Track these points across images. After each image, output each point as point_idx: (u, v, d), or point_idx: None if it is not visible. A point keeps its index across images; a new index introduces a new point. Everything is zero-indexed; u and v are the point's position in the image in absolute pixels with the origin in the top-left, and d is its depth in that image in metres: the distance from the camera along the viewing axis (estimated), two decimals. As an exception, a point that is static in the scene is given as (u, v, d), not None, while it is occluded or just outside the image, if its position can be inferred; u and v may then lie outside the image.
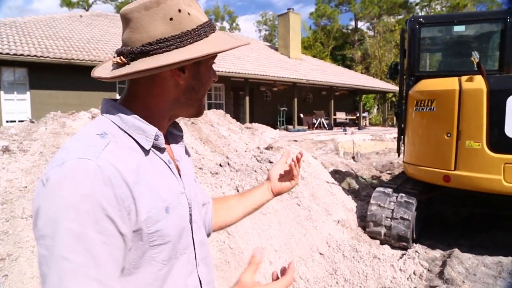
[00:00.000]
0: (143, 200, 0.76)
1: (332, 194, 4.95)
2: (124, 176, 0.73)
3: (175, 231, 0.84)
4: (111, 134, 0.79)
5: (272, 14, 48.75)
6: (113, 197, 0.71)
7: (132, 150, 0.81)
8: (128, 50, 0.82)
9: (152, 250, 0.79)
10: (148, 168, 0.81)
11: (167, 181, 0.86)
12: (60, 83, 11.74)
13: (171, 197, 0.85)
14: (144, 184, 0.78)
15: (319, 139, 13.26)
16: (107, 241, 0.69)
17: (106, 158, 0.73)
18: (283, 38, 22.85)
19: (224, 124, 6.96)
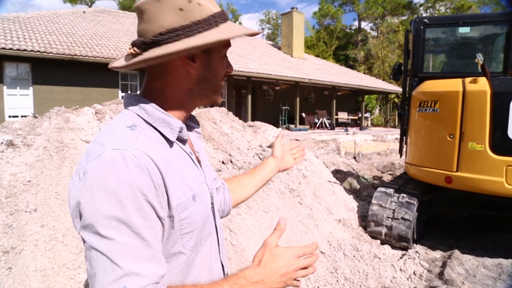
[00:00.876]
0: (173, 188, 0.82)
1: (334, 193, 4.96)
2: (157, 164, 0.78)
3: (201, 218, 0.90)
4: (139, 127, 0.85)
5: (275, 13, 48.75)
6: (151, 184, 0.76)
7: (159, 142, 0.86)
8: (140, 41, 0.85)
9: (183, 239, 0.86)
10: (174, 158, 0.87)
11: (191, 171, 0.92)
12: (62, 79, 11.77)
13: (196, 185, 0.90)
14: (173, 173, 0.83)
15: (321, 138, 13.26)
16: (151, 225, 0.76)
17: (140, 148, 0.78)
18: (286, 37, 22.83)
19: (226, 121, 6.98)
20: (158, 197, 0.77)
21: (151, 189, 0.76)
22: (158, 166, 0.78)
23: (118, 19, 17.93)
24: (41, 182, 3.37)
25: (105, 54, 12.18)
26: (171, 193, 0.81)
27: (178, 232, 0.84)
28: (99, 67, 12.20)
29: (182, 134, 0.90)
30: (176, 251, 0.85)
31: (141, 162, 0.75)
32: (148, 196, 0.75)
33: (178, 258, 0.86)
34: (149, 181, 0.75)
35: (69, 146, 3.78)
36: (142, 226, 0.73)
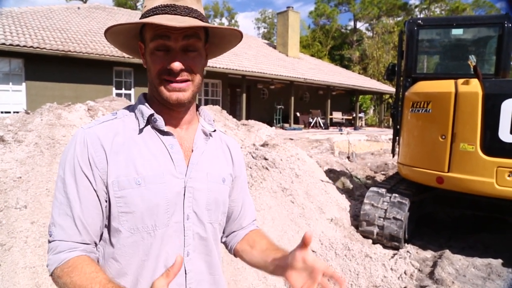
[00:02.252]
0: (115, 167, 0.92)
1: (326, 193, 4.97)
2: (104, 143, 0.92)
3: (144, 204, 0.91)
4: (122, 114, 1.00)
5: (272, 12, 48.72)
6: (86, 156, 0.91)
7: (133, 129, 0.97)
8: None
9: (120, 217, 0.92)
10: (136, 144, 0.95)
11: (156, 160, 0.95)
12: (56, 75, 11.67)
13: (151, 173, 0.93)
14: (124, 155, 0.93)
15: (315, 138, 13.28)
16: (80, 190, 0.90)
17: (95, 129, 0.95)
18: (282, 36, 22.84)
19: (220, 120, 6.97)
20: (91, 169, 0.90)
21: (87, 161, 0.90)
22: (104, 144, 0.92)
23: (113, 15, 17.81)
24: (32, 179, 3.34)
25: (99, 51, 12.09)
26: (111, 170, 0.91)
27: (115, 208, 0.91)
28: (93, 63, 12.11)
29: (157, 124, 0.97)
30: (115, 227, 0.92)
31: (86, 138, 0.92)
32: (83, 165, 0.90)
33: (117, 233, 0.93)
34: (86, 154, 0.91)
35: (61, 142, 3.75)
36: (72, 188, 0.90)
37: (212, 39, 1.06)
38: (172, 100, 0.95)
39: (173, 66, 0.92)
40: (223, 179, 1.08)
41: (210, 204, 1.02)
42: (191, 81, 0.96)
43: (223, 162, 1.10)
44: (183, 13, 0.94)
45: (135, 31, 1.01)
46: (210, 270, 1.04)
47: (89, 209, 0.90)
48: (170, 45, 0.93)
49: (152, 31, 0.93)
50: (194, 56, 0.96)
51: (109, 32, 0.95)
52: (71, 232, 0.88)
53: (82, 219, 0.89)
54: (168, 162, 0.96)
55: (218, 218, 1.06)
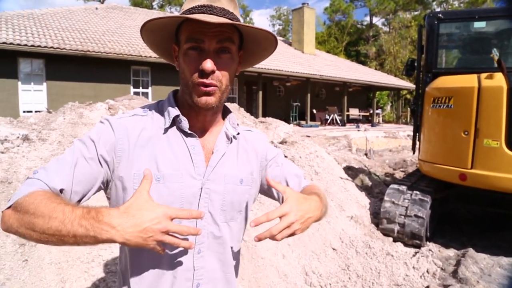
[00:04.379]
0: (138, 160, 0.95)
1: (346, 190, 4.93)
2: (130, 135, 0.96)
3: (159, 200, 0.87)
4: (151, 111, 1.03)
5: (287, 9, 48.50)
6: (111, 139, 0.95)
7: (159, 127, 1.00)
8: None
9: None
10: (161, 142, 0.98)
11: (176, 159, 0.98)
12: (75, 75, 11.87)
13: (170, 171, 0.96)
14: (148, 150, 0.96)
15: (332, 135, 13.18)
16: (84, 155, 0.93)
17: (125, 120, 0.99)
18: (297, 33, 22.70)
19: (238, 118, 6.98)
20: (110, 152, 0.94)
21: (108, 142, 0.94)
22: (129, 136, 0.96)
23: (130, 15, 18.01)
24: (56, 177, 3.40)
25: (117, 50, 12.25)
26: (132, 161, 0.94)
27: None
28: (111, 63, 12.28)
29: (182, 125, 1.00)
30: None
31: (116, 125, 0.97)
32: (101, 143, 0.94)
33: None
34: (111, 138, 0.95)
35: (83, 141, 3.83)
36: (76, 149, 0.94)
37: (246, 45, 1.07)
38: (201, 104, 0.97)
39: (204, 66, 0.92)
40: (241, 180, 1.08)
41: (225, 205, 1.04)
42: (218, 87, 0.97)
43: (244, 163, 1.12)
44: (219, 14, 0.95)
45: (170, 32, 1.02)
46: (223, 268, 1.06)
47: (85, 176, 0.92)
48: (203, 46, 0.94)
49: (187, 32, 0.95)
50: (227, 59, 0.98)
51: (145, 29, 0.97)
52: (55, 179, 0.87)
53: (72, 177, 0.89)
54: (188, 163, 0.99)
55: (234, 217, 1.08)
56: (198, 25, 0.92)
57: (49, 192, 0.85)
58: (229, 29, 0.96)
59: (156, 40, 1.05)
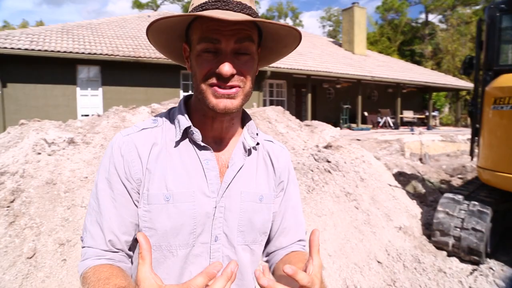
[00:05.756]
0: (149, 179, 0.87)
1: (394, 198, 4.61)
2: (141, 153, 0.88)
3: (169, 222, 0.85)
4: (162, 122, 0.94)
5: (337, 9, 47.58)
6: (124, 164, 0.86)
7: (169, 138, 0.91)
8: None
9: (144, 231, 0.86)
10: (172, 157, 0.89)
11: (188, 175, 0.88)
12: (129, 80, 12.40)
13: (181, 190, 0.87)
14: (158, 168, 0.87)
15: (384, 138, 12.63)
16: (114, 196, 0.86)
17: (133, 136, 0.89)
18: (347, 34, 22.11)
19: (282, 121, 6.84)
20: (127, 179, 0.86)
21: (125, 170, 0.86)
22: (141, 155, 0.87)
23: (181, 22, 18.56)
24: (97, 180, 3.48)
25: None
26: (145, 181, 0.86)
27: (141, 222, 0.87)
28: (162, 67, 12.68)
29: (194, 137, 0.89)
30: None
31: (124, 146, 0.88)
32: (121, 174, 0.86)
33: None
34: (124, 163, 0.86)
35: (125, 145, 3.89)
36: (105, 194, 0.86)
37: (265, 43, 0.93)
38: (220, 109, 0.84)
39: (222, 71, 0.80)
40: (261, 197, 0.96)
41: (243, 225, 0.93)
42: (242, 88, 0.85)
43: (263, 178, 0.99)
44: (235, 9, 0.83)
45: (180, 31, 0.90)
46: None
47: (123, 217, 0.86)
48: (220, 47, 0.82)
49: (200, 31, 0.82)
50: (247, 60, 0.85)
51: (151, 29, 0.84)
52: (99, 239, 0.85)
53: (111, 226, 0.85)
54: (200, 179, 0.88)
55: (257, 240, 0.97)
56: (213, 23, 0.80)
57: (102, 266, 0.82)
58: (248, 26, 0.83)
59: (165, 40, 0.92)
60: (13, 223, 3.03)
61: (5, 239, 2.92)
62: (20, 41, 10.80)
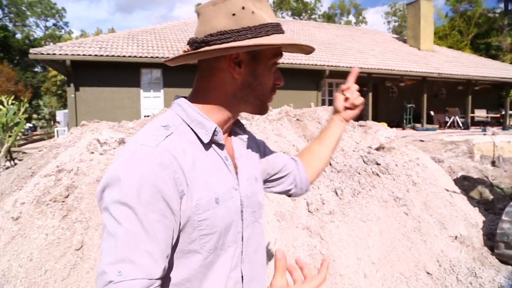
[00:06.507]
0: (195, 188, 0.84)
1: (451, 205, 4.25)
2: (180, 163, 0.83)
3: (223, 222, 0.89)
4: (174, 126, 0.90)
5: (402, 4, 45.29)
6: (168, 179, 0.79)
7: (191, 142, 0.90)
8: (193, 39, 0.92)
9: (201, 239, 0.85)
10: (204, 160, 0.90)
11: (221, 175, 0.93)
12: (187, 81, 12.81)
13: (223, 189, 0.91)
14: (198, 174, 0.86)
15: (450, 139, 11.79)
16: (160, 219, 0.78)
17: (165, 146, 0.83)
18: (413, 29, 20.97)
19: (334, 121, 6.64)
20: (175, 194, 0.80)
21: (167, 185, 0.79)
22: (181, 164, 0.83)
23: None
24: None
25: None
26: (192, 192, 0.84)
27: (196, 232, 0.85)
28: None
29: (217, 138, 0.93)
30: (193, 249, 0.86)
31: (163, 158, 0.80)
32: (164, 192, 0.78)
33: (194, 256, 0.87)
34: (166, 176, 0.79)
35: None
36: (150, 219, 0.76)
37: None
38: (268, 111, 1.04)
39: (282, 83, 1.00)
40: (256, 178, 1.09)
41: (254, 206, 1.04)
42: None
43: (254, 160, 1.12)
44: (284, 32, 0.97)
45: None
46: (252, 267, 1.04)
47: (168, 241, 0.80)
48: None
49: (278, 48, 0.96)
50: None
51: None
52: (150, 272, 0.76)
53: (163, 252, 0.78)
54: (228, 176, 0.96)
55: (262, 214, 1.10)
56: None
57: None
58: None
59: None
60: (66, 216, 3.26)
61: (58, 231, 3.15)
62: (91, 48, 11.70)
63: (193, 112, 0.93)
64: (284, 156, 1.28)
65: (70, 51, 11.26)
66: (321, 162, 1.31)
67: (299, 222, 3.62)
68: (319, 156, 1.30)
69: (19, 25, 45.45)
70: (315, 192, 3.95)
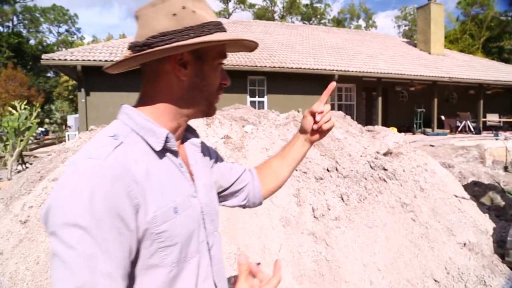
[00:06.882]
0: (151, 199, 0.79)
1: (460, 211, 4.19)
2: (133, 174, 0.77)
3: (184, 232, 0.85)
4: (123, 136, 0.84)
5: (412, 8, 45.03)
6: (121, 193, 0.73)
7: (143, 152, 0.85)
8: (133, 43, 0.88)
9: (160, 252, 0.81)
10: (158, 169, 0.85)
11: (177, 183, 0.89)
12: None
13: (181, 198, 0.87)
14: (153, 184, 0.81)
15: (461, 144, 11.66)
16: (116, 237, 0.72)
17: (115, 157, 0.77)
18: (423, 33, 20.82)
19: (342, 126, 6.61)
20: (129, 208, 0.74)
21: (122, 200, 0.73)
22: (135, 176, 0.77)
23: (249, 28, 18.93)
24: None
25: (233, 62, 12.96)
26: (148, 204, 0.78)
27: (155, 244, 0.80)
28: (229, 73, 12.64)
29: (170, 145, 0.89)
30: (153, 264, 0.81)
31: (113, 171, 0.74)
32: (118, 208, 0.72)
33: (156, 271, 0.81)
34: (120, 191, 0.73)
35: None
36: (105, 238, 0.70)
37: None
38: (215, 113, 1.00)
39: (229, 82, 0.99)
40: (211, 185, 1.06)
41: (212, 214, 1.01)
42: None
43: (207, 166, 1.10)
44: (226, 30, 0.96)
45: None
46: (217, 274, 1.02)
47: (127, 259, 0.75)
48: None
49: (221, 47, 0.95)
50: None
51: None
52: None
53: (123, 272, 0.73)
54: (184, 182, 0.92)
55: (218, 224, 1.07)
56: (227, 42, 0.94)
57: None
58: None
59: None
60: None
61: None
62: (101, 54, 11.86)
63: (141, 119, 0.87)
64: (239, 169, 1.24)
65: (81, 57, 11.43)
66: (278, 180, 1.28)
67: (305, 228, 3.60)
68: (277, 174, 1.27)
69: (33, 31, 46.33)
70: (321, 198, 3.93)
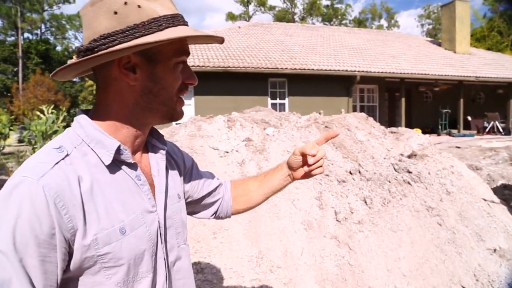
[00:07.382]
0: (92, 220, 0.74)
1: (490, 216, 4.03)
2: (71, 194, 0.71)
3: (131, 254, 0.79)
4: (71, 148, 0.77)
5: (436, 6, 44.02)
6: (51, 218, 0.68)
7: (93, 165, 0.78)
8: (78, 48, 0.80)
9: (105, 271, 0.76)
10: (106, 185, 0.78)
11: (129, 198, 0.82)
12: (218, 89, 12.99)
13: (131, 216, 0.81)
14: (98, 203, 0.75)
15: (490, 146, 11.30)
16: (39, 265, 0.67)
17: (51, 176, 0.70)
18: (448, 31, 20.28)
19: (364, 128, 6.50)
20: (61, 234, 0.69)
21: (52, 225, 0.68)
22: (71, 196, 0.71)
23: (270, 30, 18.92)
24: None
25: (254, 64, 12.97)
26: (87, 227, 0.73)
27: (98, 264, 0.75)
28: (250, 76, 13.06)
29: (124, 157, 0.82)
30: (98, 281, 0.76)
31: (44, 194, 0.68)
32: (44, 233, 0.67)
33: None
34: (52, 215, 0.68)
35: (198, 152, 4.05)
36: (27, 265, 0.66)
37: None
38: (181, 116, 0.91)
39: (195, 81, 0.89)
40: (178, 195, 1.00)
41: (178, 226, 0.96)
42: None
43: (177, 175, 1.03)
44: (187, 24, 0.85)
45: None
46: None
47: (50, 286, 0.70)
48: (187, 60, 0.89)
49: (177, 44, 0.83)
50: None
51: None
52: None
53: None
54: (139, 197, 0.84)
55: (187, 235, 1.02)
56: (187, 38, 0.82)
57: None
58: None
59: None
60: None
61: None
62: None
63: (92, 129, 0.80)
64: (214, 182, 1.19)
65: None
66: (249, 204, 1.24)
67: (327, 232, 3.55)
68: (249, 197, 1.23)
69: (59, 38, 47.76)
70: (344, 201, 3.86)
